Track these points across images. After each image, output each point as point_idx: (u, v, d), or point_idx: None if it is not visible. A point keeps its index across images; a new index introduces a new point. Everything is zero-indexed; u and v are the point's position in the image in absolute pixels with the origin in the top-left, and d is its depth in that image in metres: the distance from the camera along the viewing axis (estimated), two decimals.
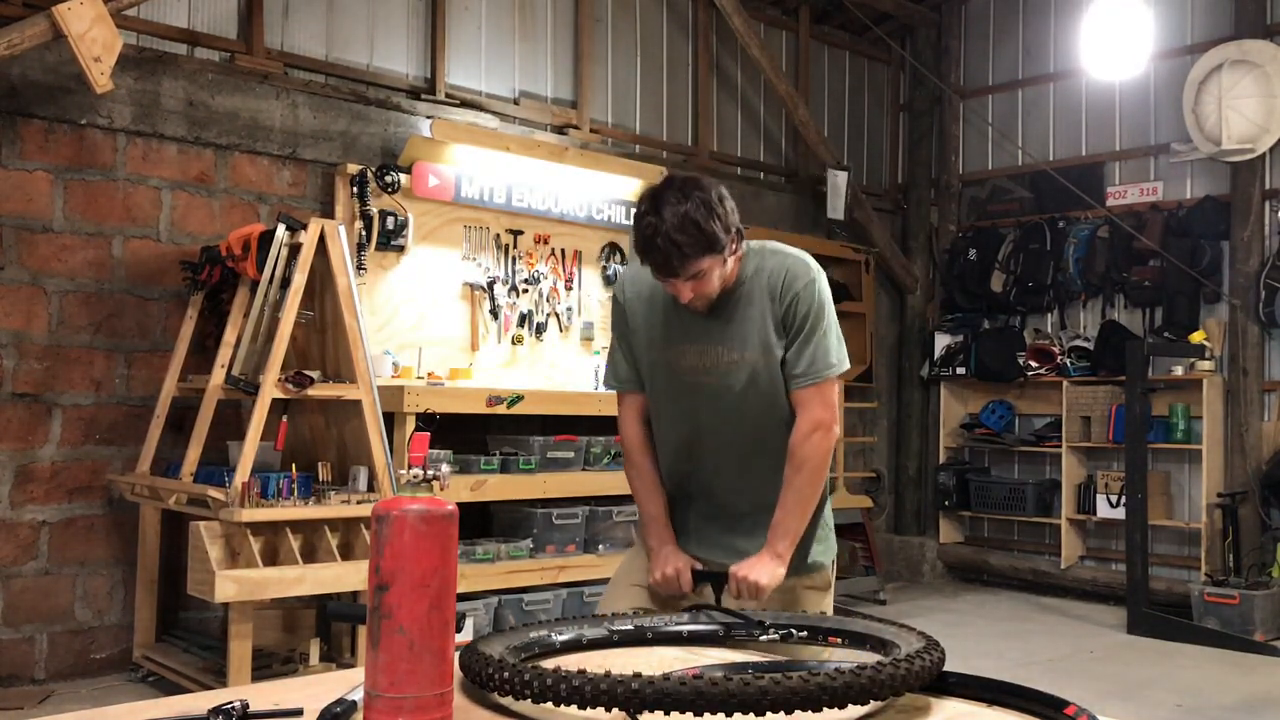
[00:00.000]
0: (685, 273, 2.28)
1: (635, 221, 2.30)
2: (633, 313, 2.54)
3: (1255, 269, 6.91)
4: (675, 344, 2.47)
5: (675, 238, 2.22)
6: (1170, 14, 7.29)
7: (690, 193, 2.25)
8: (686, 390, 2.48)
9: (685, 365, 2.47)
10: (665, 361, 2.50)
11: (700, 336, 2.45)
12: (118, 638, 4.95)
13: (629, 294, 2.56)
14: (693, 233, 2.22)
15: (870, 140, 8.70)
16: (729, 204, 2.32)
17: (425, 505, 1.42)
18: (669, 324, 2.48)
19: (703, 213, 2.23)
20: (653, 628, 2.03)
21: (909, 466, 8.52)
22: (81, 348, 4.92)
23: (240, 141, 5.33)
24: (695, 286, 2.32)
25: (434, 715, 1.39)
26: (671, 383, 2.50)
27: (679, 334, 2.47)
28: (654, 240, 2.24)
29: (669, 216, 2.22)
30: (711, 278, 2.32)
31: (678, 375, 2.48)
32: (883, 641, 1.79)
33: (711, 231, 2.24)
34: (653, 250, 2.26)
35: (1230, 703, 4.94)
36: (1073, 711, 1.50)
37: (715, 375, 2.45)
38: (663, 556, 2.49)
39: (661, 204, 2.25)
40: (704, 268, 2.28)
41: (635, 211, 2.31)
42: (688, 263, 2.26)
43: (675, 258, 2.24)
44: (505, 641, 1.75)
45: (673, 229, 2.21)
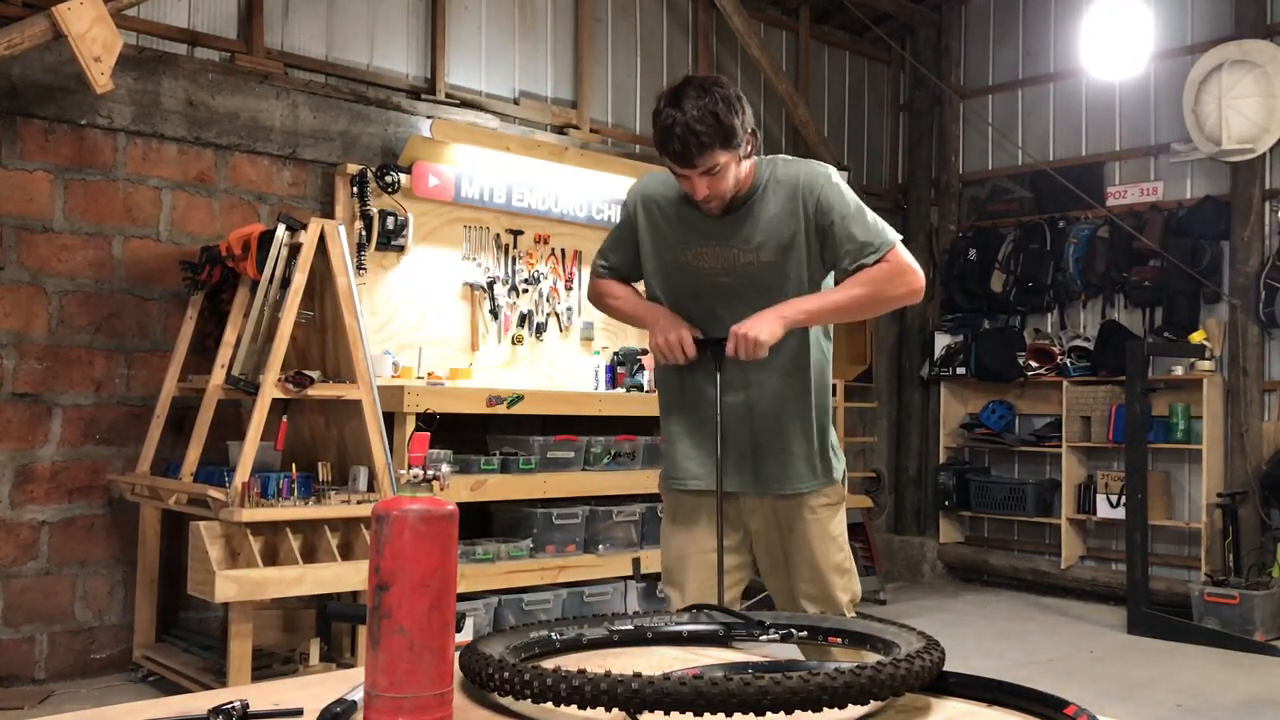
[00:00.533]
0: (703, 164, 2.31)
1: (654, 117, 2.34)
2: (647, 212, 2.57)
3: (1255, 269, 6.91)
4: (690, 247, 2.51)
5: (695, 128, 2.27)
6: (1170, 14, 7.29)
7: (710, 89, 2.32)
8: (705, 292, 2.51)
9: (703, 266, 2.50)
10: (682, 262, 2.52)
11: (717, 237, 2.48)
12: (118, 638, 4.95)
13: (643, 197, 2.59)
14: (711, 124, 2.28)
15: (870, 140, 8.70)
16: (746, 104, 2.39)
17: (425, 505, 1.42)
18: (685, 227, 2.51)
19: (722, 107, 2.30)
20: (653, 628, 2.03)
21: (909, 466, 8.52)
22: (81, 348, 4.92)
23: (240, 141, 5.33)
24: (710, 183, 2.35)
25: (434, 715, 1.39)
26: (686, 285, 2.53)
27: (696, 235, 2.50)
28: (673, 130, 2.28)
29: (690, 108, 2.28)
30: (726, 175, 2.36)
31: (694, 275, 2.52)
32: (883, 641, 1.79)
33: (730, 125, 2.31)
34: (671, 140, 2.30)
35: (1230, 703, 4.94)
36: (1073, 711, 1.50)
37: (731, 275, 2.48)
38: (663, 324, 2.52)
39: (682, 97, 2.30)
40: (720, 162, 2.33)
41: (655, 108, 2.35)
42: (706, 153, 2.30)
43: (694, 147, 2.28)
44: (505, 641, 1.75)
45: (693, 120, 2.27)
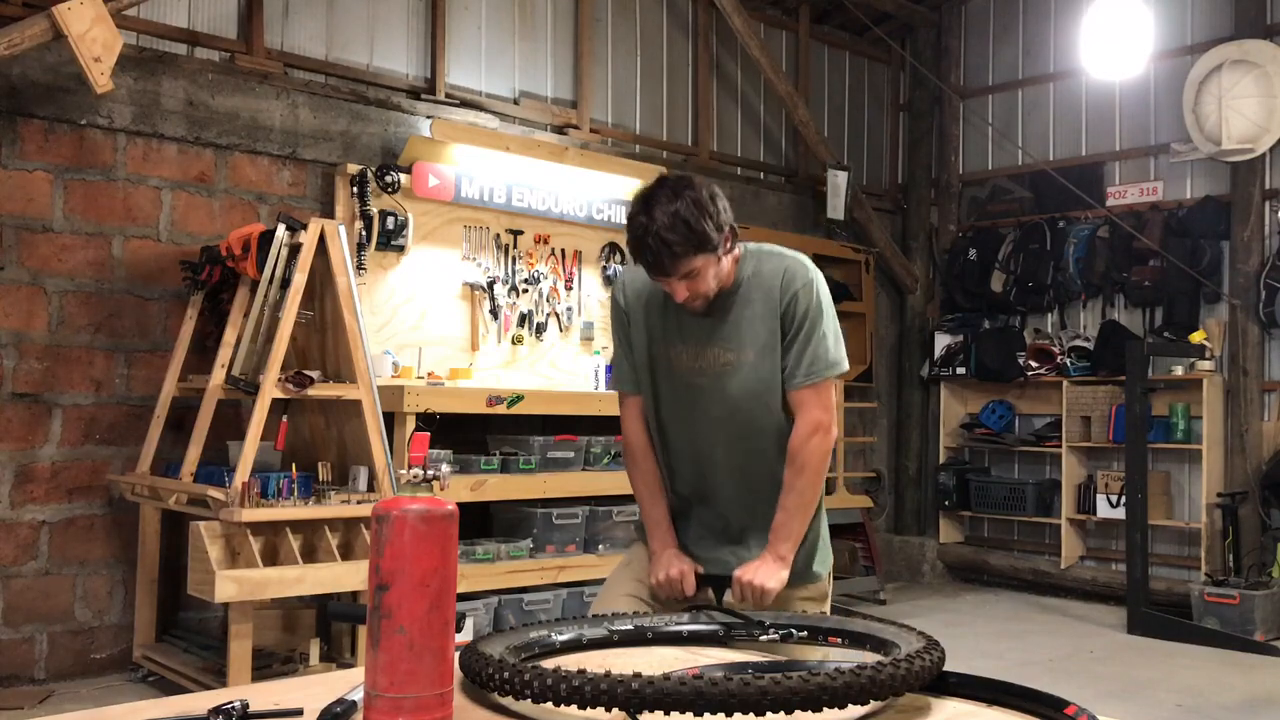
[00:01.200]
0: (677, 272, 2.28)
1: (628, 222, 2.31)
2: (631, 311, 2.55)
3: (1255, 269, 6.91)
4: (672, 343, 2.48)
5: (666, 237, 2.22)
6: (1170, 14, 7.29)
7: (681, 192, 2.26)
8: (684, 391, 2.48)
9: (682, 365, 2.47)
10: (663, 361, 2.49)
11: (697, 337, 2.44)
12: (118, 638, 4.95)
13: (628, 294, 2.56)
14: (683, 232, 2.23)
15: (870, 140, 8.70)
16: (721, 203, 2.32)
17: (425, 505, 1.42)
18: (666, 324, 2.48)
19: (693, 212, 2.24)
20: (653, 628, 2.03)
21: (909, 466, 8.52)
22: (81, 348, 4.92)
23: (240, 141, 5.33)
24: (690, 286, 2.32)
25: (434, 715, 1.39)
26: (669, 382, 2.50)
27: (676, 334, 2.47)
28: (645, 240, 2.25)
29: (659, 216, 2.23)
30: (706, 277, 2.32)
31: (675, 375, 2.48)
32: (883, 641, 1.79)
33: (702, 230, 2.25)
34: (644, 250, 2.27)
35: (1230, 703, 4.94)
36: (1073, 711, 1.50)
37: (711, 376, 2.44)
38: (665, 559, 2.48)
39: (653, 204, 2.25)
40: (696, 266, 2.28)
41: (628, 213, 2.32)
42: (679, 262, 2.26)
43: (666, 257, 2.25)
44: (505, 641, 1.75)
45: (663, 228, 2.22)
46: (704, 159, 7.39)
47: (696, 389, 2.45)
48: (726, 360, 2.42)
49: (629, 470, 2.63)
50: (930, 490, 8.36)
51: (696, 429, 2.48)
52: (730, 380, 2.43)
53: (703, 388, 2.45)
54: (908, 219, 8.71)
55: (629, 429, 2.60)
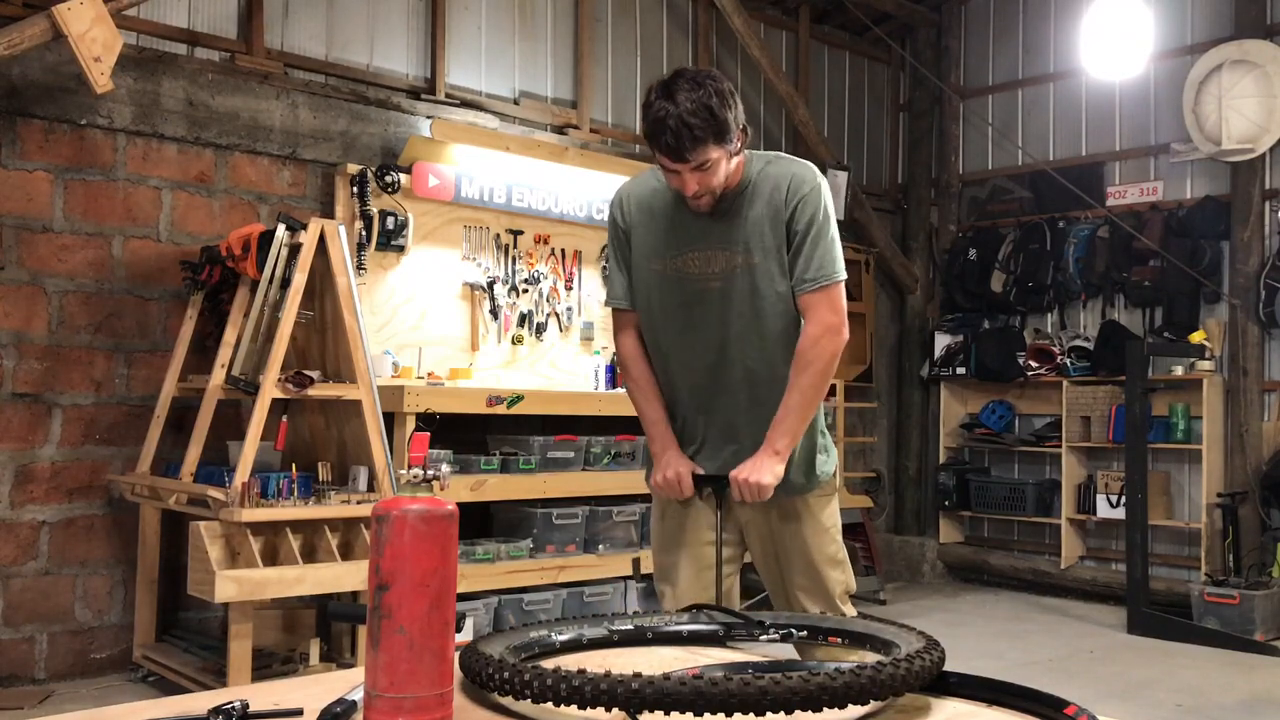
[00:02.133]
0: (695, 159, 2.27)
1: (644, 109, 2.30)
2: (632, 225, 2.54)
3: (1255, 269, 6.91)
4: (681, 251, 2.47)
5: (689, 121, 2.22)
6: (1170, 14, 7.29)
7: (704, 81, 2.27)
8: (694, 297, 2.47)
9: (691, 271, 2.46)
10: (670, 269, 2.48)
11: (704, 241, 2.44)
12: (118, 638, 4.95)
13: (628, 207, 2.55)
14: (705, 118, 2.23)
15: (870, 140, 8.70)
16: (738, 99, 2.34)
17: (425, 505, 1.42)
18: (672, 231, 2.48)
19: (716, 101, 2.25)
20: (653, 628, 2.03)
21: (909, 466, 8.52)
22: (81, 348, 4.92)
23: (240, 141, 5.33)
24: (701, 179, 2.31)
25: (434, 715, 1.39)
26: (676, 291, 2.49)
27: (684, 240, 2.46)
28: (665, 122, 2.24)
29: (683, 101, 2.23)
30: (718, 170, 2.32)
31: (682, 282, 2.47)
32: (883, 641, 1.79)
33: (724, 119, 2.26)
34: (663, 133, 2.25)
35: (1230, 703, 4.94)
36: (1073, 711, 1.50)
37: (721, 279, 2.44)
38: (665, 461, 2.51)
39: (675, 90, 2.25)
40: (712, 157, 2.28)
41: (645, 101, 2.31)
42: (699, 148, 2.25)
43: (688, 140, 2.24)
44: (505, 641, 1.75)
45: (686, 113, 2.22)
46: None
47: (708, 292, 2.45)
48: (735, 262, 2.43)
49: (625, 380, 2.66)
50: (930, 490, 8.36)
51: (706, 334, 2.48)
52: (738, 283, 2.43)
53: (713, 291, 2.45)
54: (908, 219, 8.71)
55: (623, 341, 2.63)
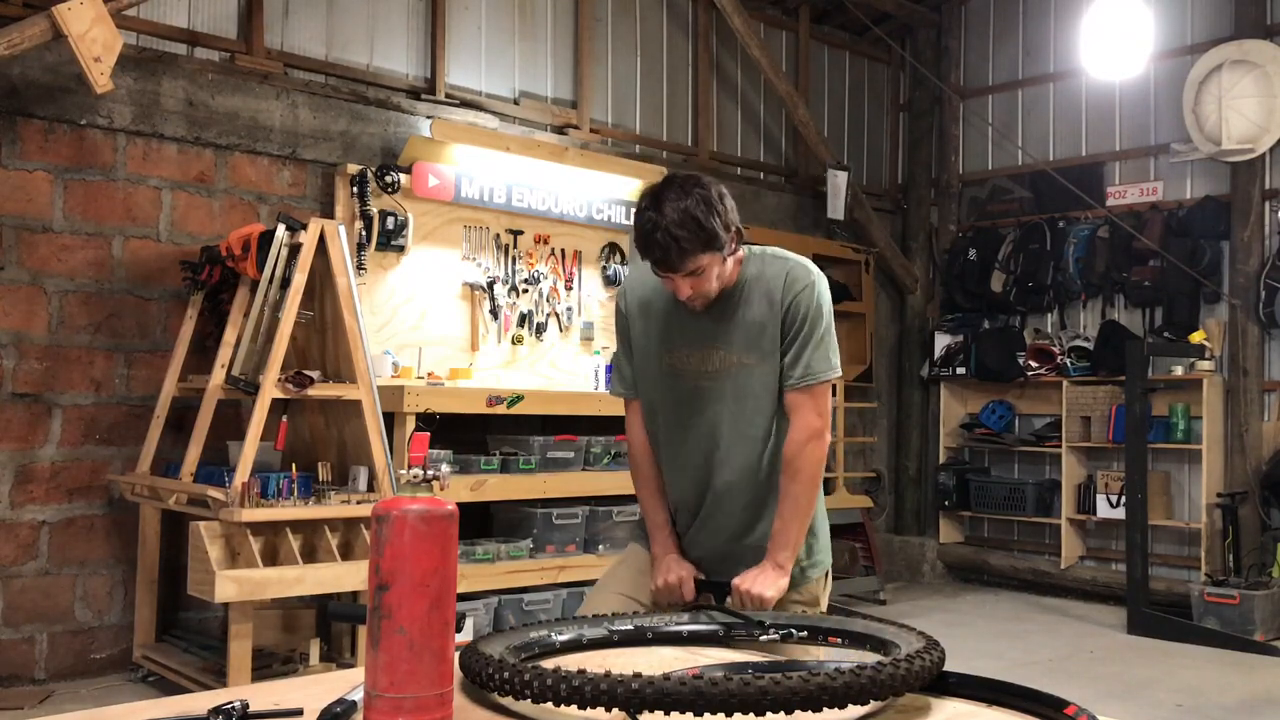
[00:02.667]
0: (684, 268, 2.29)
1: (635, 218, 2.32)
2: (632, 317, 2.56)
3: (1255, 269, 6.91)
4: (676, 347, 2.48)
5: (675, 233, 2.24)
6: (1170, 14, 7.29)
7: (691, 190, 2.28)
8: (686, 395, 2.48)
9: (686, 369, 2.47)
10: (665, 366, 2.50)
11: (700, 340, 2.45)
12: (118, 638, 4.95)
13: (629, 300, 2.58)
14: (692, 228, 2.24)
15: (870, 140, 8.70)
16: (729, 202, 2.34)
17: (425, 505, 1.42)
18: (669, 328, 2.49)
19: (703, 209, 2.26)
20: (653, 628, 2.03)
21: (909, 466, 8.52)
22: (81, 348, 4.92)
23: (240, 141, 5.33)
24: (694, 284, 2.33)
25: (434, 715, 1.39)
26: (671, 387, 2.50)
27: (679, 338, 2.48)
28: (654, 235, 2.26)
29: (669, 212, 2.24)
30: (710, 275, 2.33)
31: (677, 379, 2.49)
32: (883, 641, 1.79)
33: (711, 228, 2.26)
34: (652, 246, 2.28)
35: (1230, 703, 4.94)
36: (1073, 711, 1.50)
37: (714, 378, 2.45)
38: (665, 564, 2.49)
39: (662, 200, 2.27)
40: (703, 264, 2.30)
41: (635, 209, 2.33)
42: (687, 258, 2.27)
43: (675, 253, 2.26)
44: (505, 641, 1.75)
45: (673, 224, 2.24)
46: (704, 159, 7.39)
47: (700, 391, 2.46)
48: (729, 361, 2.43)
49: (632, 473, 2.65)
50: (930, 490, 8.36)
51: (698, 432, 2.48)
52: (732, 382, 2.43)
53: (706, 390, 2.45)
54: (908, 219, 8.71)
55: (632, 432, 2.63)
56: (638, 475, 2.61)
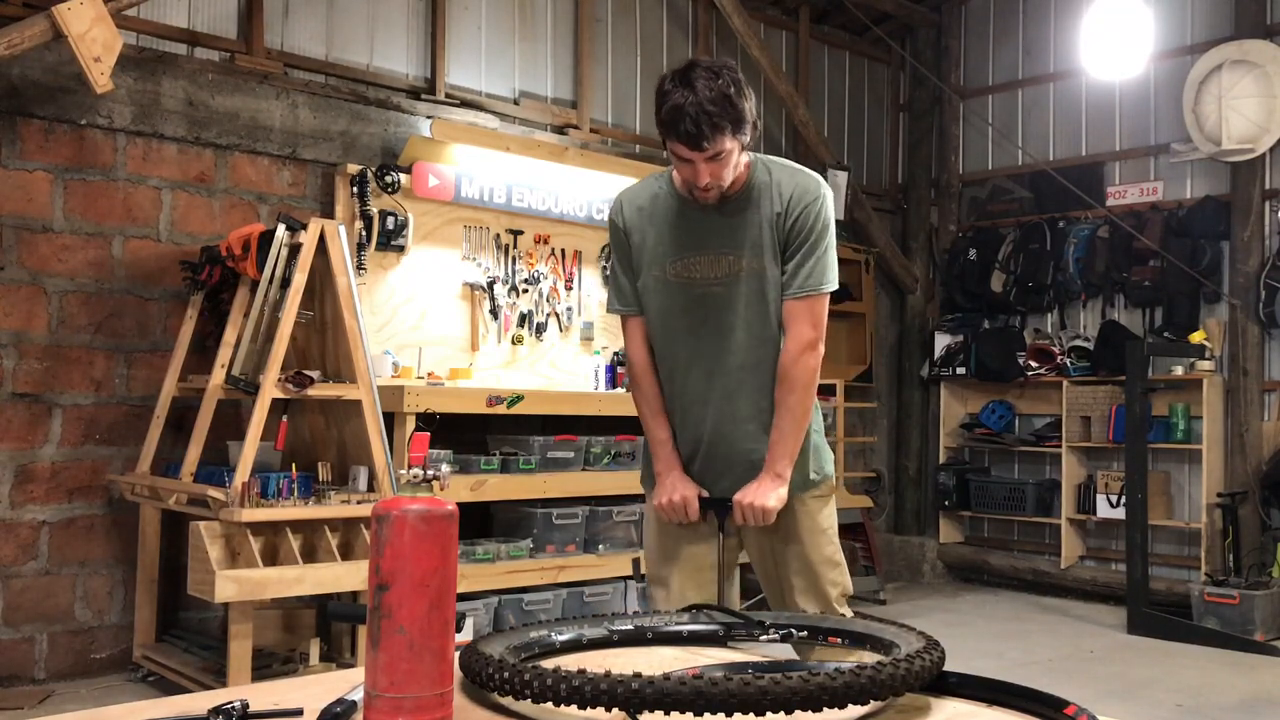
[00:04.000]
0: (714, 146, 2.29)
1: (662, 98, 2.31)
2: (632, 230, 2.55)
3: (1255, 269, 6.91)
4: (683, 255, 2.48)
5: (709, 109, 2.24)
6: (1170, 14, 7.29)
7: (720, 71, 2.30)
8: (696, 302, 2.48)
9: (694, 275, 2.48)
10: (672, 274, 2.50)
11: (707, 245, 2.46)
12: (118, 638, 4.95)
13: (628, 212, 2.57)
14: (724, 106, 2.26)
15: (870, 140, 8.70)
16: (751, 91, 2.36)
17: (425, 505, 1.42)
18: (674, 236, 2.49)
19: (734, 90, 2.28)
20: (653, 628, 2.03)
21: (909, 466, 8.52)
22: (81, 348, 4.92)
23: (240, 141, 5.33)
24: (713, 169, 2.33)
25: (434, 715, 1.39)
26: (680, 295, 2.50)
27: (686, 245, 2.48)
28: (684, 110, 2.25)
29: (702, 89, 2.25)
30: (729, 162, 2.34)
31: (686, 287, 2.49)
32: (883, 641, 1.79)
33: (741, 108, 2.29)
34: (682, 120, 2.26)
35: (1230, 703, 4.94)
36: (1073, 711, 1.50)
37: (723, 283, 2.45)
38: (669, 483, 2.52)
39: (693, 78, 2.27)
40: (727, 147, 2.31)
41: (660, 90, 2.32)
42: (719, 136, 2.27)
43: (708, 127, 2.25)
44: (505, 641, 1.75)
45: (706, 100, 2.24)
46: None
47: (710, 297, 2.47)
48: (738, 267, 2.44)
49: (633, 391, 2.67)
50: (930, 490, 8.36)
51: (708, 341, 2.49)
52: (741, 286, 2.45)
53: (716, 295, 2.46)
54: (908, 219, 8.71)
55: (633, 350, 2.62)
56: (639, 392, 2.61)
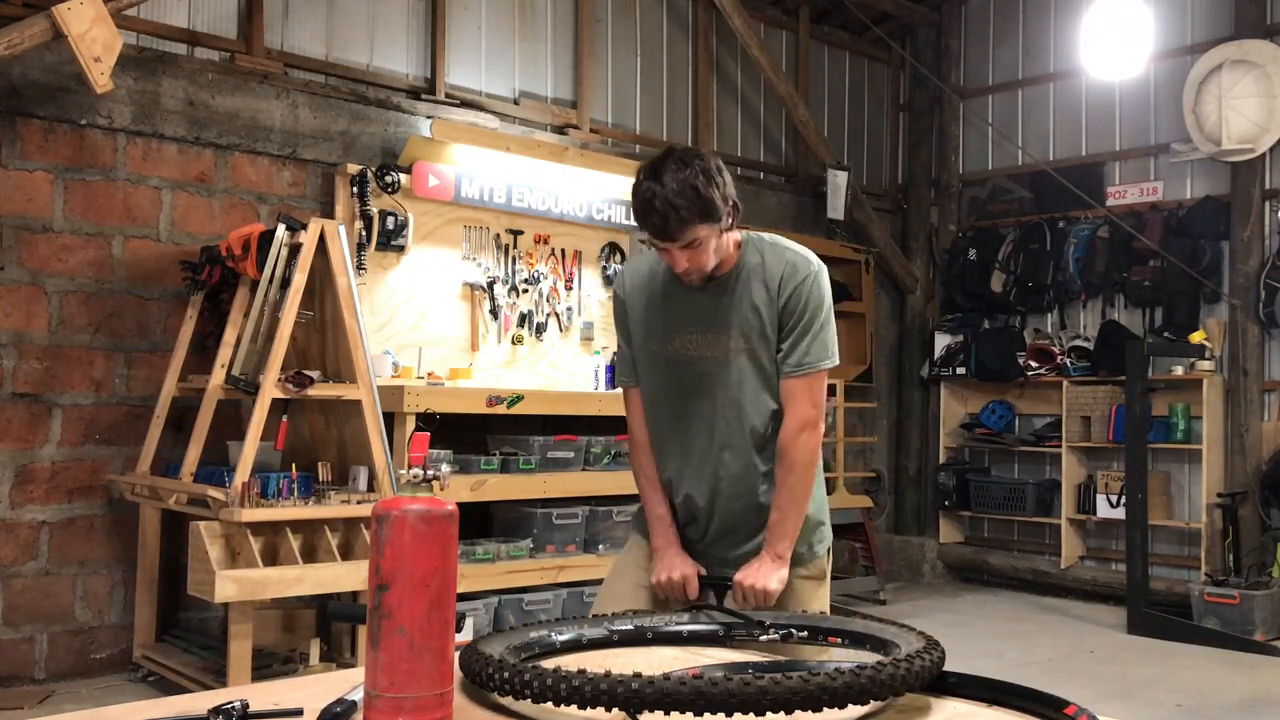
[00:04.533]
0: (682, 238, 2.30)
1: (635, 189, 2.34)
2: (630, 304, 2.57)
3: (1255, 269, 6.91)
4: (676, 332, 2.49)
5: (675, 201, 2.25)
6: (1170, 14, 7.29)
7: (690, 161, 2.31)
8: (688, 380, 2.48)
9: (685, 354, 2.48)
10: (664, 351, 2.50)
11: (698, 323, 2.46)
12: (118, 638, 4.95)
13: (627, 287, 2.59)
14: (691, 197, 2.26)
15: (870, 140, 8.70)
16: (727, 176, 2.36)
17: (425, 505, 1.42)
18: (668, 312, 2.50)
19: (701, 180, 2.28)
20: (653, 628, 2.03)
21: (909, 466, 8.52)
22: (81, 348, 4.92)
23: (240, 141, 5.33)
24: (691, 257, 2.34)
25: (434, 715, 1.39)
26: (670, 372, 2.51)
27: (678, 322, 2.48)
28: (652, 204, 2.28)
29: (669, 182, 2.27)
30: (707, 249, 2.34)
31: (676, 364, 2.49)
32: (883, 641, 1.79)
33: (709, 198, 2.28)
34: (650, 214, 2.29)
35: (1230, 703, 4.94)
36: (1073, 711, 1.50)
37: (713, 363, 2.45)
38: (667, 560, 2.49)
39: (662, 171, 2.29)
40: (700, 236, 2.31)
41: (635, 181, 2.35)
42: (685, 227, 2.28)
43: (674, 221, 2.27)
44: (505, 641, 1.75)
45: (672, 193, 2.25)
46: None
47: (698, 376, 2.47)
48: (727, 347, 2.44)
49: (632, 463, 2.64)
50: (930, 490, 8.36)
51: (697, 420, 2.48)
52: (730, 368, 2.44)
53: (704, 374, 2.46)
54: (908, 219, 8.71)
55: (632, 421, 2.62)
56: (637, 466, 2.61)
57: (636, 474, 2.62)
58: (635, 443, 2.62)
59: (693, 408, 2.48)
